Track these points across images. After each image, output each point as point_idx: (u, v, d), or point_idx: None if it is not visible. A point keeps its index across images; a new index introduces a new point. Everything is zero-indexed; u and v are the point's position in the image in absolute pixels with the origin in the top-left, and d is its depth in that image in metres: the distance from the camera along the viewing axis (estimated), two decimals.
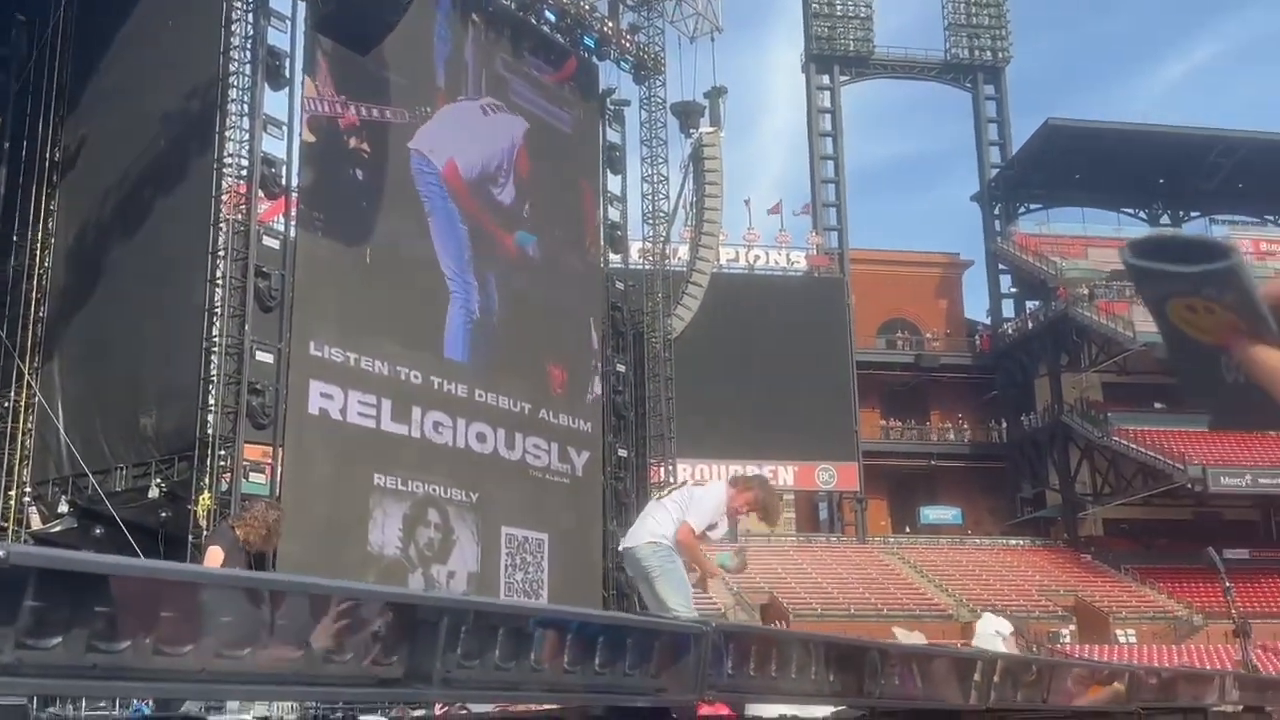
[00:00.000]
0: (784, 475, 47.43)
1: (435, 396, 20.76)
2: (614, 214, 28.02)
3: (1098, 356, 48.67)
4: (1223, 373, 1.17)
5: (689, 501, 6.85)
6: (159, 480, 17.47)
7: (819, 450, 47.53)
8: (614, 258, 28.86)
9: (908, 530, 51.88)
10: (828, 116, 55.42)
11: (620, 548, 7.12)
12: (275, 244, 18.73)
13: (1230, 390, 1.17)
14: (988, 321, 57.03)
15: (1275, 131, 52.45)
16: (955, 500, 52.77)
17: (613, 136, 28.12)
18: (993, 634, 9.88)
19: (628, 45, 28.38)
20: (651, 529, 6.74)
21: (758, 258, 51.17)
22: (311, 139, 19.63)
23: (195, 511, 16.50)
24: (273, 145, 18.91)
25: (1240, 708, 5.10)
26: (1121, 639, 39.88)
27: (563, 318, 24.42)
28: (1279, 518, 48.83)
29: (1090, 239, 53.40)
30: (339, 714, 11.18)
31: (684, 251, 46.87)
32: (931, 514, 52.31)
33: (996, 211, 56.71)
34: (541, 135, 24.60)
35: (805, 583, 42.68)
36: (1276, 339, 1.14)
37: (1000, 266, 56.04)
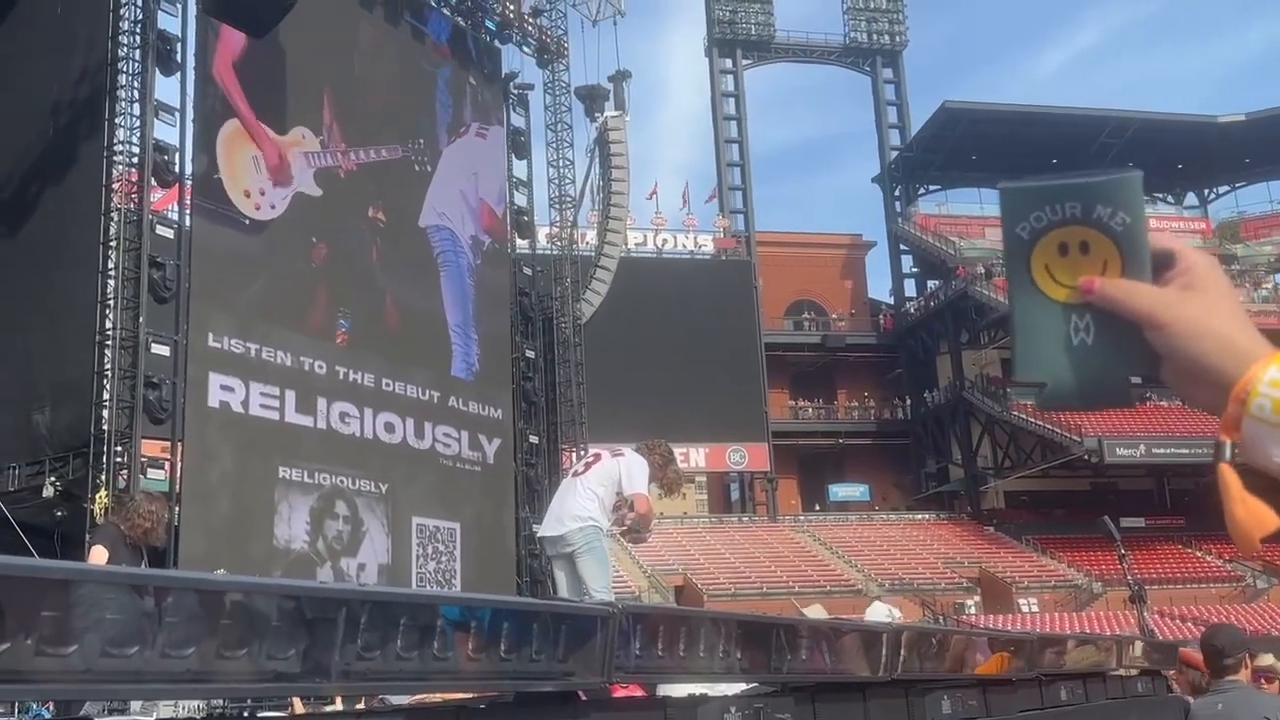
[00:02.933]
0: (695, 457, 47.73)
1: (341, 386, 20.45)
2: (520, 199, 27.86)
3: (997, 333, 49.78)
4: (1070, 334, 1.13)
5: (626, 474, 6.71)
6: (54, 479, 16.94)
7: (730, 432, 47.93)
8: (521, 243, 28.74)
9: (817, 508, 52.59)
10: (731, 100, 55.73)
11: (540, 534, 6.98)
12: (169, 233, 18.23)
13: (1074, 359, 1.13)
14: (891, 301, 57.98)
15: (1162, 111, 54.27)
16: (863, 477, 53.67)
17: (517, 121, 27.94)
18: (885, 618, 10.13)
19: (530, 29, 28.19)
20: (576, 510, 6.60)
21: (665, 241, 51.34)
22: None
23: (92, 510, 16.02)
24: (165, 132, 18.40)
25: (1136, 671, 5.26)
26: (1025, 608, 40.97)
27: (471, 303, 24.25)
28: (1173, 486, 50.59)
29: (987, 219, 54.57)
30: (246, 712, 10.96)
31: (592, 236, 46.80)
32: (840, 491, 53.15)
33: (897, 193, 57.60)
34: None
35: (718, 563, 43.06)
36: (1147, 277, 1.11)
37: (902, 247, 56.97)
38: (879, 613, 10.58)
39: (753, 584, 40.94)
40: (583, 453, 31.31)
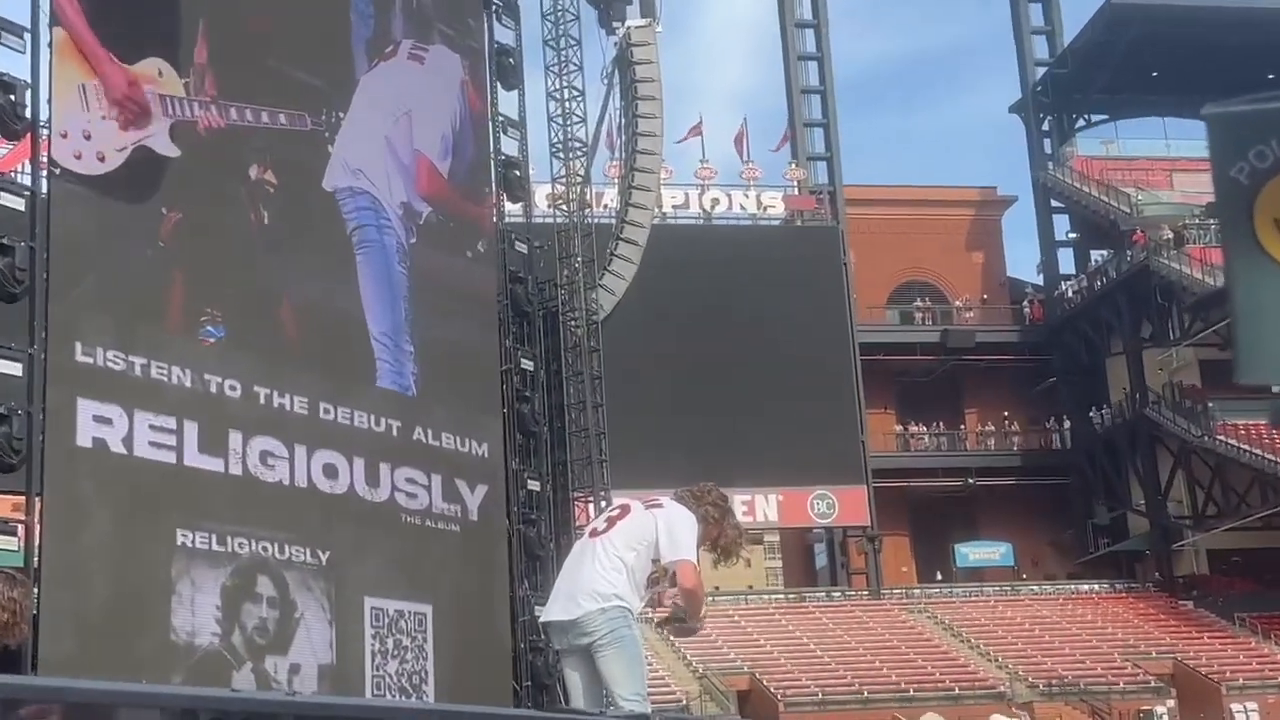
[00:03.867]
0: (763, 508, 47.66)
1: (262, 415, 20.51)
2: (509, 145, 27.93)
3: (1192, 324, 49.40)
4: None
5: (666, 533, 6.63)
6: None
7: (812, 471, 47.82)
8: (512, 208, 28.79)
9: (939, 577, 52.36)
10: (806, 1, 55.73)
11: (545, 619, 6.96)
12: (19, 204, 18.39)
13: None
14: (1039, 281, 57.73)
15: None
16: (1004, 533, 53.40)
17: (503, 35, 28.00)
18: None
19: None
20: (595, 585, 6.55)
21: (715, 202, 51.36)
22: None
23: None
24: (10, 61, 18.58)
25: None
26: (1240, 716, 40.59)
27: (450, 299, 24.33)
28: None
29: (1176, 160, 54.30)
30: None
31: (611, 196, 46.96)
32: (972, 553, 52.90)
33: (1045, 127, 57.38)
34: None
35: (799, 658, 42.92)
36: None
37: (1054, 203, 56.74)
38: None
39: (848, 687, 40.80)
40: (604, 504, 31.51)
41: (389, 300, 23.67)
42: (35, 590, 17.09)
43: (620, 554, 6.63)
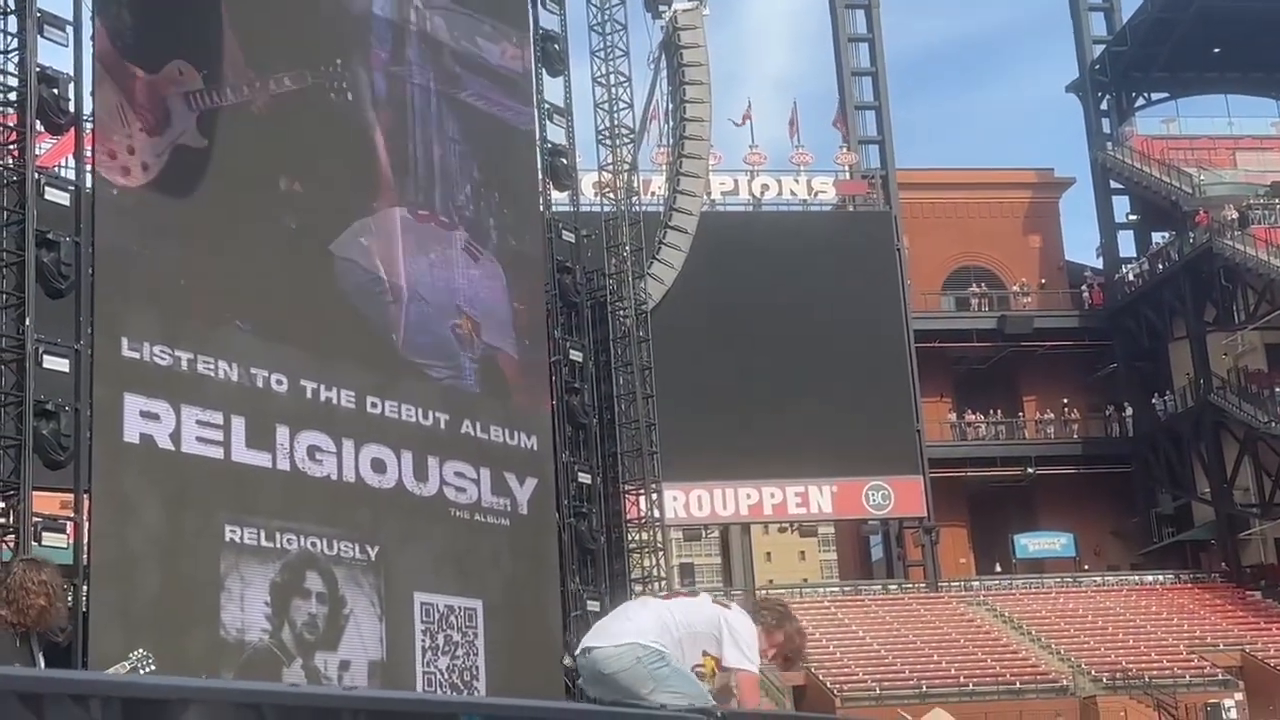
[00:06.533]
0: (818, 499, 47.55)
1: (309, 409, 20.65)
2: (555, 133, 27.98)
3: (1258, 307, 48.95)
4: None
5: (730, 634, 6.34)
6: None
7: (867, 461, 47.64)
8: (558, 196, 28.86)
9: (999, 569, 52.12)
10: None
11: (581, 649, 6.43)
12: (64, 199, 18.57)
13: None
14: (1098, 264, 57.32)
15: None
16: (1065, 523, 53.08)
17: (548, 20, 28.06)
18: None
19: None
20: (639, 628, 6.24)
21: (765, 188, 51.25)
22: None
23: None
24: (53, 55, 18.74)
25: None
26: None
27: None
28: None
29: (1240, 139, 53.75)
30: None
31: (659, 183, 46.94)
32: (1032, 544, 52.60)
33: (1104, 106, 56.92)
34: None
35: (855, 651, 42.84)
36: None
37: (1113, 184, 56.30)
38: None
39: (906, 681, 40.69)
40: (655, 497, 31.48)
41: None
42: (83, 588, 17.31)
43: (674, 624, 6.30)
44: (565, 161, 28.13)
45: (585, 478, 26.44)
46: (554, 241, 27.15)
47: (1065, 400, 54.65)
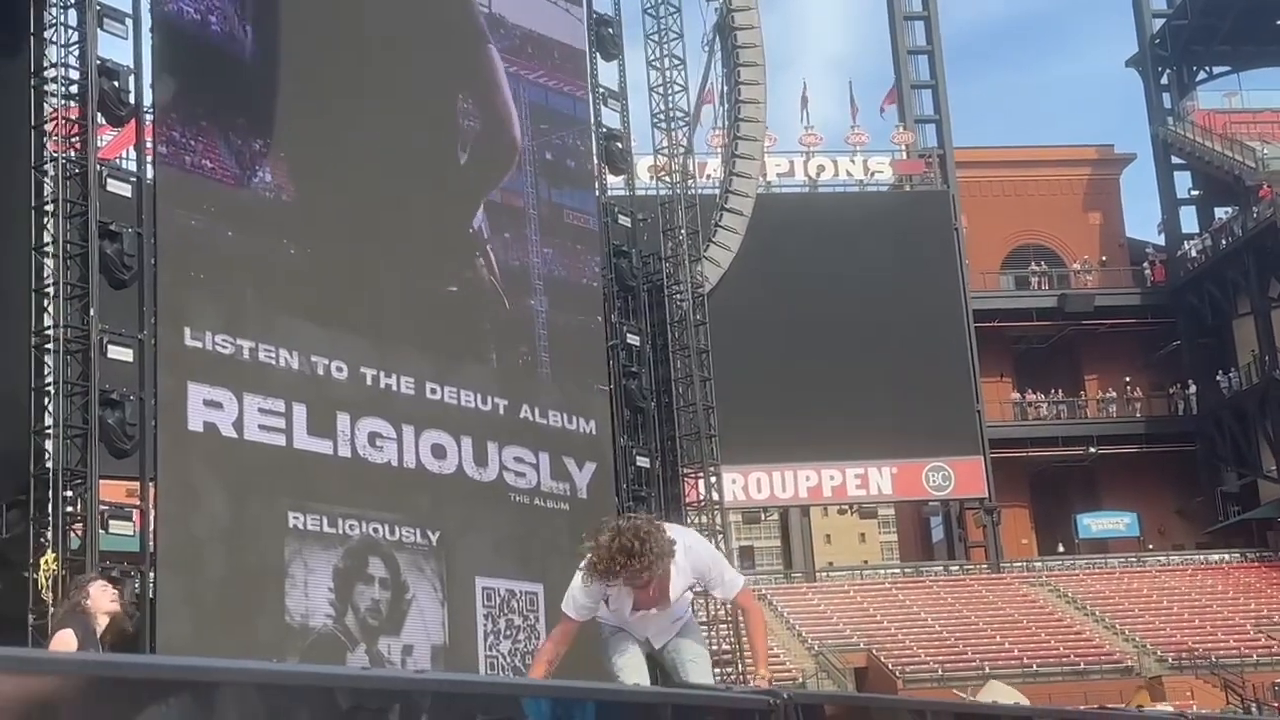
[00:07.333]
0: (877, 481, 47.43)
1: (370, 396, 20.80)
2: (610, 117, 28.00)
3: None
4: None
5: (704, 563, 6.66)
6: None
7: (927, 442, 47.47)
8: (613, 180, 28.89)
9: (1061, 550, 51.89)
10: None
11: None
12: (126, 190, 18.73)
13: None
14: (1161, 241, 56.83)
15: None
16: (1128, 503, 52.75)
17: (602, 4, 28.07)
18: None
19: None
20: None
21: (821, 169, 51.10)
22: None
23: (37, 579, 16.58)
24: (113, 47, 18.90)
25: None
26: None
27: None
28: None
29: None
30: None
31: (714, 166, 46.88)
32: (1095, 524, 52.32)
33: (1164, 81, 56.38)
34: None
35: (917, 633, 42.74)
36: None
37: (1174, 160, 55.80)
38: (998, 693, 10.36)
39: (968, 662, 40.55)
40: (714, 480, 31.47)
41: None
42: (150, 575, 17.52)
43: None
44: (620, 146, 28.17)
45: (644, 461, 26.48)
46: (610, 226, 27.20)
47: (1128, 379, 54.26)
